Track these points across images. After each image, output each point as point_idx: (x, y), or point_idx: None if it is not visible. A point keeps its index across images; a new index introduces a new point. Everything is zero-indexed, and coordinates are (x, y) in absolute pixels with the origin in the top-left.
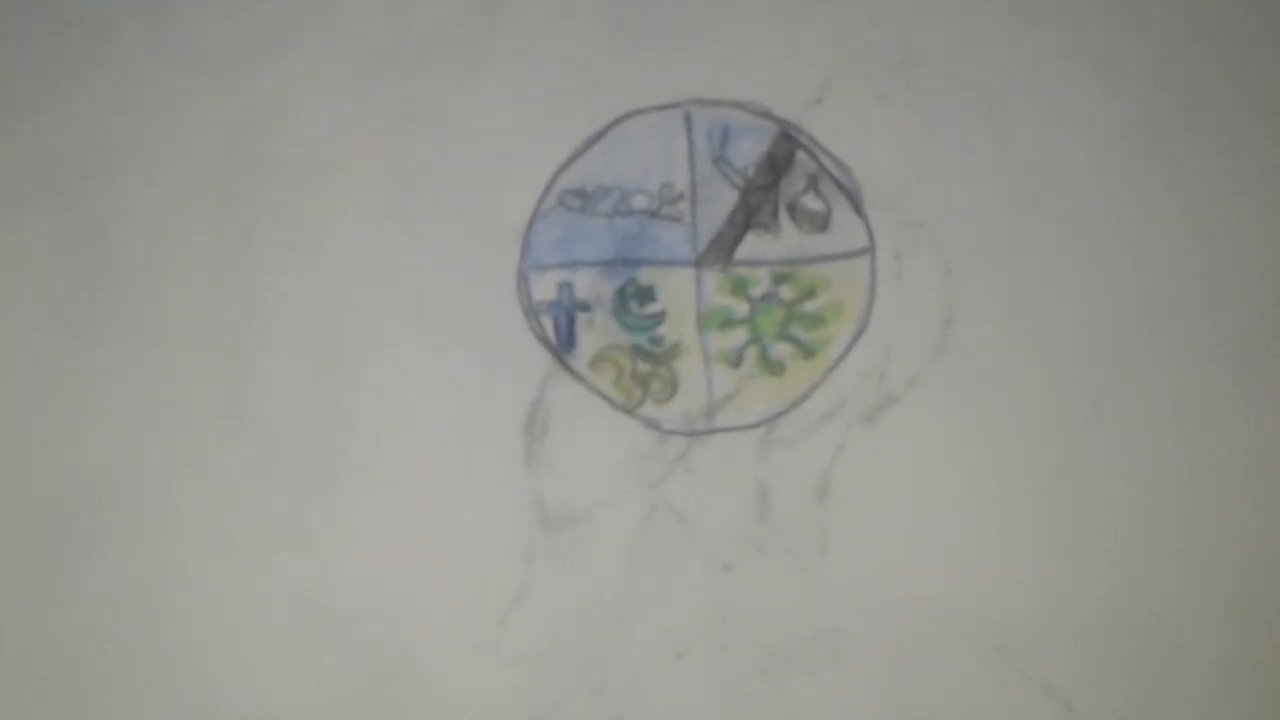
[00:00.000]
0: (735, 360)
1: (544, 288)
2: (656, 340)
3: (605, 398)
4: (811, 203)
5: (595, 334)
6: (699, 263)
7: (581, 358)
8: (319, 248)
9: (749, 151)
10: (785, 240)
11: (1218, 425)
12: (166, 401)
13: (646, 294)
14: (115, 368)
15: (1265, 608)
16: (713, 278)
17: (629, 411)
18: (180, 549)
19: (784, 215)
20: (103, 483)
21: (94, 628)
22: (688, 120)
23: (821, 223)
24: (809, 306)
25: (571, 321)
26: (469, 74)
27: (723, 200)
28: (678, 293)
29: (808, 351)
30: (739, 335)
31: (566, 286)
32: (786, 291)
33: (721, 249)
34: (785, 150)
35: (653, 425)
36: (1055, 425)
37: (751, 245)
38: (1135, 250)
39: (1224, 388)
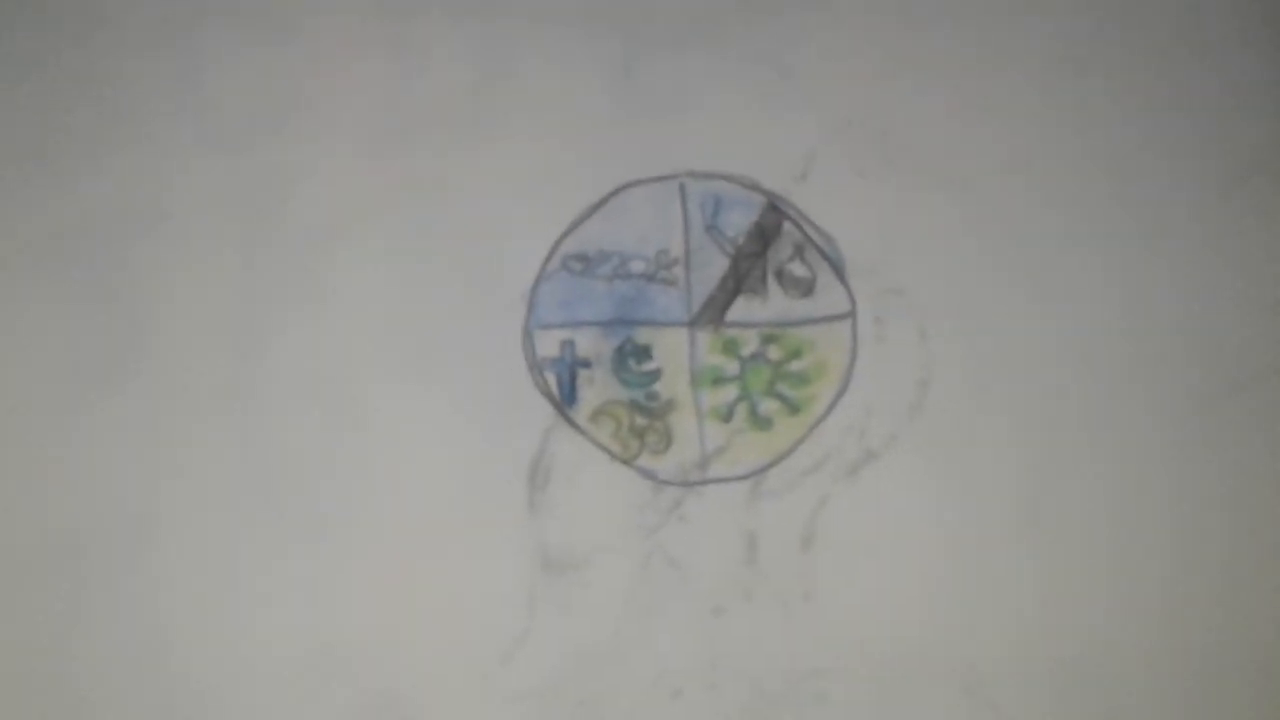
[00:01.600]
0: (726, 415)
1: (548, 345)
2: (653, 396)
3: (605, 449)
4: (797, 269)
5: (595, 389)
6: (693, 324)
7: (582, 412)
8: (329, 305)
9: (739, 221)
10: (773, 304)
11: (1185, 476)
12: (183, 451)
13: (644, 352)
14: (133, 418)
15: (1236, 652)
16: (705, 338)
17: (627, 463)
18: (187, 594)
19: (772, 281)
20: (115, 529)
21: (98, 673)
22: (682, 191)
23: (807, 288)
24: (795, 366)
25: (573, 377)
26: (476, 143)
27: (715, 266)
28: (673, 352)
29: (794, 408)
30: (730, 392)
31: (569, 344)
32: (774, 352)
33: (714, 311)
34: (773, 220)
35: (649, 476)
36: (1027, 479)
37: (741, 308)
38: (1101, 312)
39: (1192, 440)
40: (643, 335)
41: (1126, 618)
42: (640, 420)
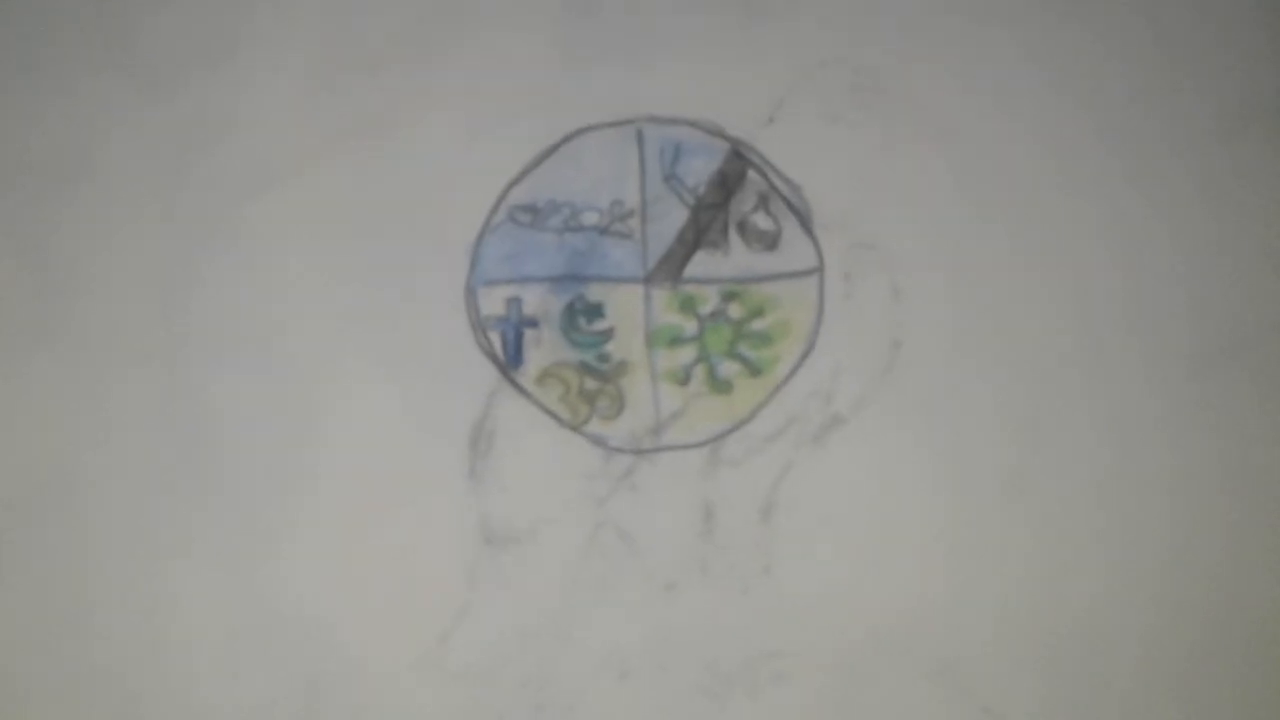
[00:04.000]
0: (683, 378)
1: (492, 303)
2: (604, 357)
3: (552, 414)
4: (761, 222)
5: (543, 350)
6: (648, 280)
7: (528, 374)
8: (260, 259)
9: (700, 170)
10: (734, 259)
11: (1152, 445)
12: (104, 408)
13: (595, 311)
14: (53, 374)
15: (1234, 630)
16: (661, 295)
17: (575, 429)
18: (109, 558)
19: (734, 234)
20: (38, 492)
21: (15, 640)
22: (640, 137)
23: (771, 242)
24: (757, 325)
25: (519, 337)
26: (420, 86)
27: (673, 218)
28: (626, 310)
29: (755, 370)
30: (687, 353)
31: (515, 302)
32: (735, 310)
33: (671, 266)
34: (736, 169)
35: (599, 443)
36: (1009, 447)
37: (701, 263)
38: (1092, 268)
39: (1189, 403)
40: (594, 292)
41: (1117, 594)
42: (591, 383)
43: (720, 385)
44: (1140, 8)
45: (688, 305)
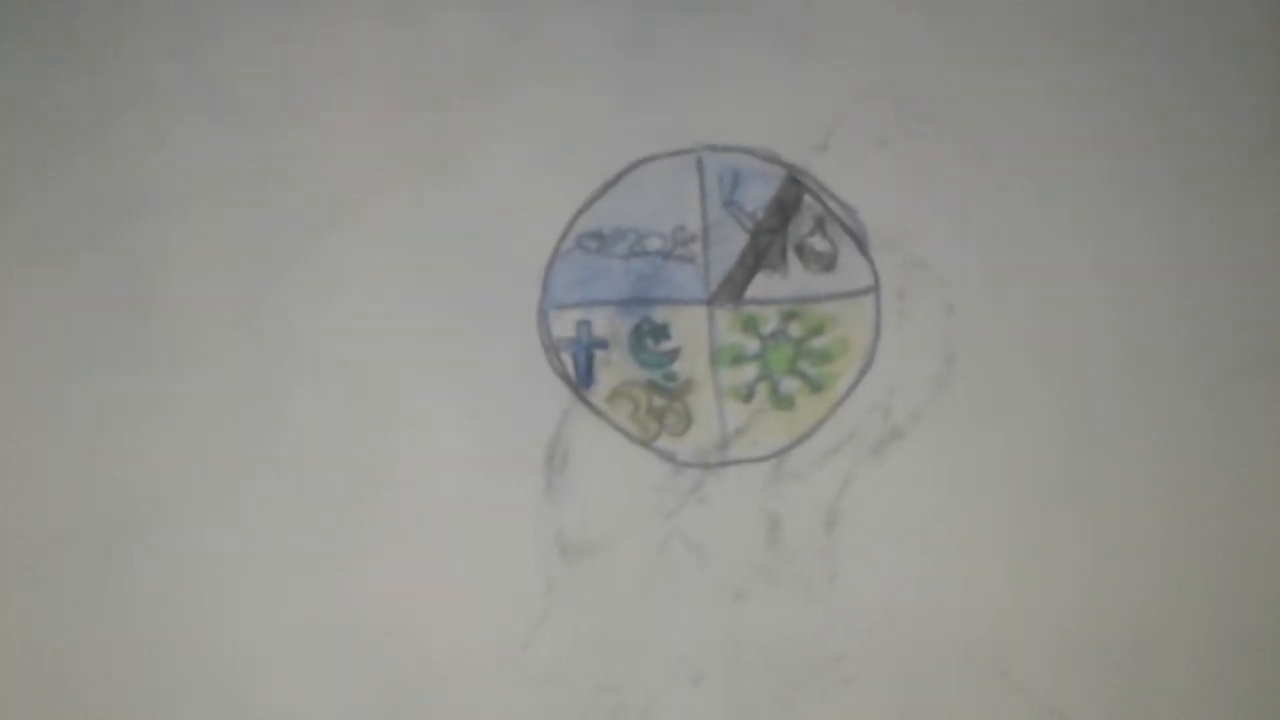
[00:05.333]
0: (746, 395)
1: (563, 326)
2: (671, 376)
3: (622, 431)
4: (818, 244)
5: (612, 370)
6: (711, 301)
7: (599, 393)
8: (344, 286)
9: (758, 195)
10: (793, 280)
11: (1203, 452)
12: (197, 433)
13: (661, 332)
14: (148, 401)
15: (1255, 628)
16: (724, 316)
17: (645, 445)
18: (210, 575)
19: (792, 256)
20: (136, 511)
21: (126, 649)
22: (699, 165)
23: (828, 263)
24: (817, 343)
25: (590, 358)
26: (489, 120)
27: (733, 242)
28: (691, 330)
29: (816, 386)
30: (750, 371)
31: (585, 325)
32: (795, 329)
33: (733, 288)
34: (793, 194)
35: (668, 458)
36: (1056, 455)
37: (761, 284)
38: (1140, 280)
39: (1209, 417)
40: (660, 314)
41: (1177, 597)
42: (659, 401)
43: (782, 401)
44: (1184, 23)
45: (750, 325)
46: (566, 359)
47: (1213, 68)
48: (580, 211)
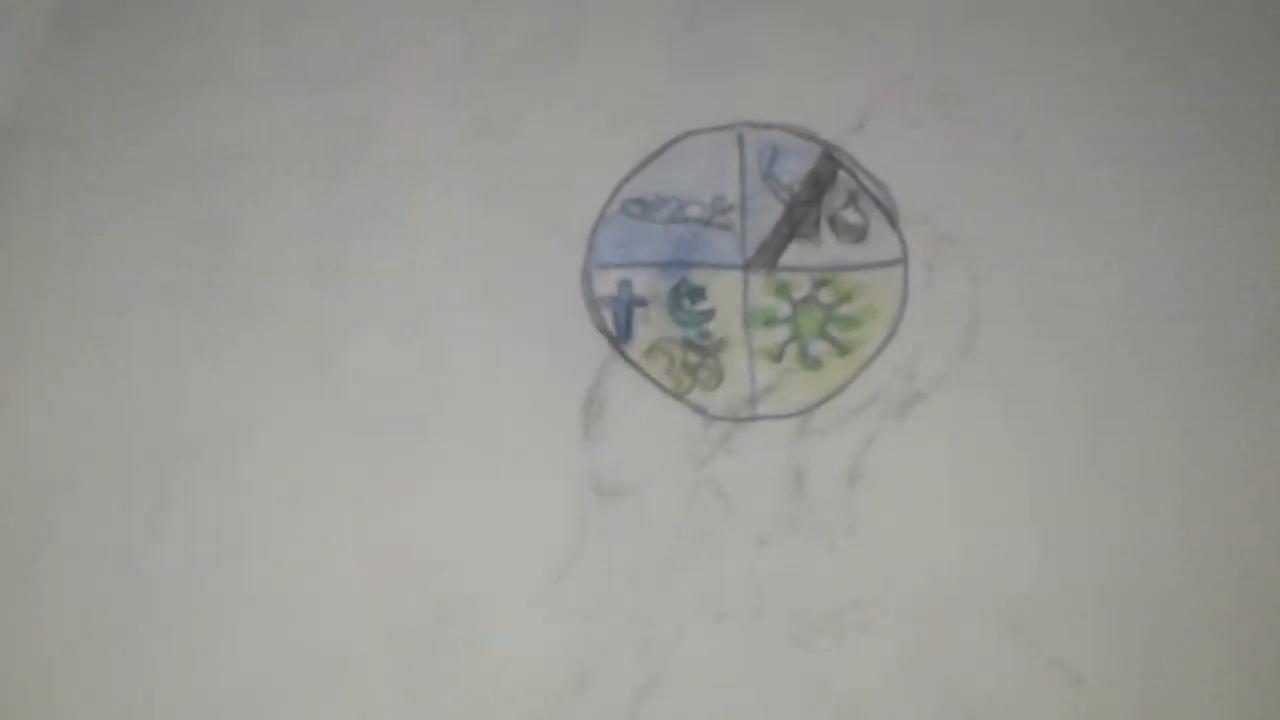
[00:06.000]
0: (777, 355)
1: (606, 284)
2: (705, 335)
3: (657, 384)
4: (851, 216)
5: (650, 327)
6: (746, 267)
7: (637, 348)
8: (403, 238)
9: (795, 169)
10: (826, 249)
11: (1254, 420)
12: (263, 369)
13: (698, 293)
14: (223, 339)
15: (1271, 591)
16: (759, 281)
17: (678, 397)
18: (266, 500)
19: (825, 227)
20: (199, 438)
21: (184, 568)
22: (740, 140)
23: (859, 235)
24: (845, 309)
25: (629, 315)
26: (546, 91)
27: (769, 212)
28: (726, 293)
29: (843, 349)
30: (781, 333)
31: (626, 284)
32: (826, 295)
33: (767, 255)
34: (828, 169)
35: (699, 410)
36: (1072, 420)
37: (795, 253)
38: (1160, 260)
39: (1262, 382)
40: (698, 276)
41: (1190, 555)
42: (693, 357)
43: (811, 362)
44: (1207, 23)
45: (782, 290)
46: (607, 315)
47: (1250, 53)
48: (626, 179)
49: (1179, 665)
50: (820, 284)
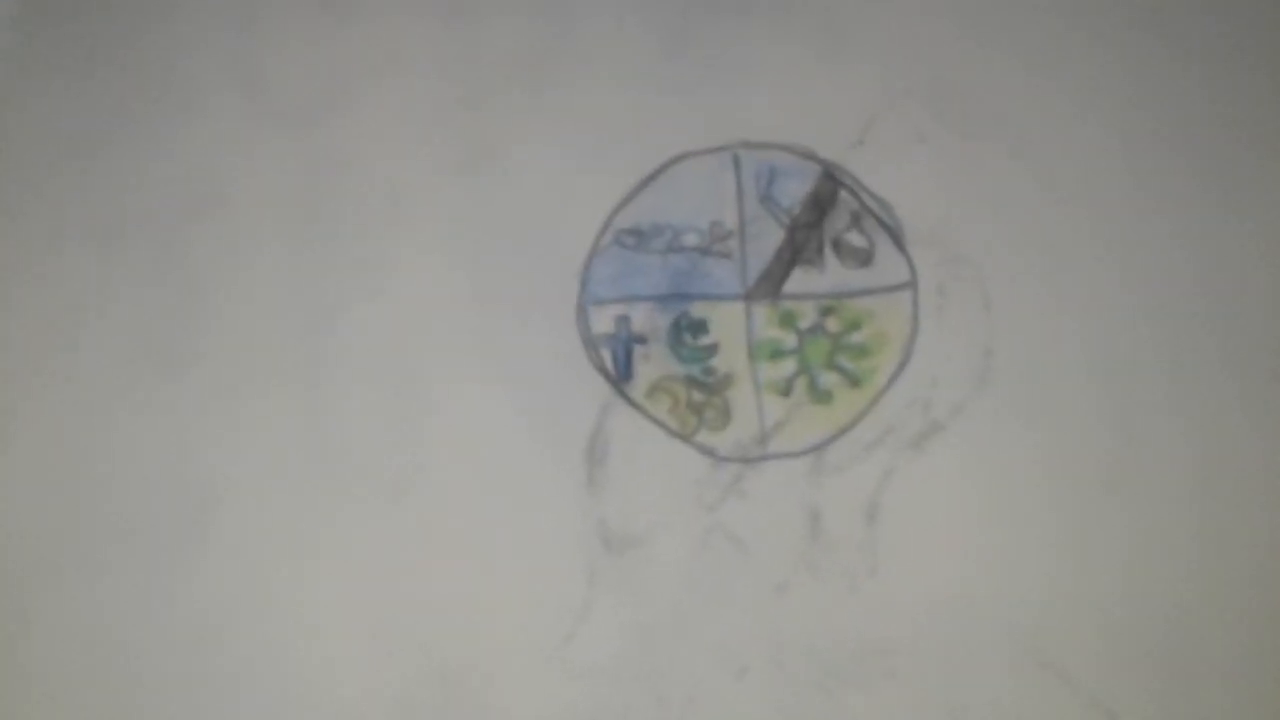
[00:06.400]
0: (785, 389)
1: (602, 321)
2: (709, 371)
3: (662, 426)
4: (855, 239)
5: (651, 365)
6: (749, 297)
7: (639, 388)
8: (388, 281)
9: (794, 191)
10: (830, 275)
11: (1250, 445)
12: (244, 429)
13: (699, 327)
14: (196, 397)
15: None
16: (762, 311)
17: (685, 439)
18: (252, 569)
19: (829, 251)
20: (179, 506)
21: (164, 646)
22: (736, 162)
23: (865, 258)
24: (854, 338)
25: (629, 353)
26: (528, 119)
27: (770, 237)
28: (729, 325)
29: (854, 381)
30: (788, 365)
31: (623, 320)
32: (833, 324)
33: (770, 284)
34: (829, 189)
35: (707, 452)
36: (1095, 448)
37: (798, 280)
38: (1178, 276)
39: (1250, 408)
40: (698, 309)
41: (1212, 590)
42: (698, 396)
43: (821, 396)
44: (1219, 24)
45: (787, 320)
46: (605, 354)
47: (1242, 71)
48: (618, 208)
49: (1217, 699)
50: (826, 312)
